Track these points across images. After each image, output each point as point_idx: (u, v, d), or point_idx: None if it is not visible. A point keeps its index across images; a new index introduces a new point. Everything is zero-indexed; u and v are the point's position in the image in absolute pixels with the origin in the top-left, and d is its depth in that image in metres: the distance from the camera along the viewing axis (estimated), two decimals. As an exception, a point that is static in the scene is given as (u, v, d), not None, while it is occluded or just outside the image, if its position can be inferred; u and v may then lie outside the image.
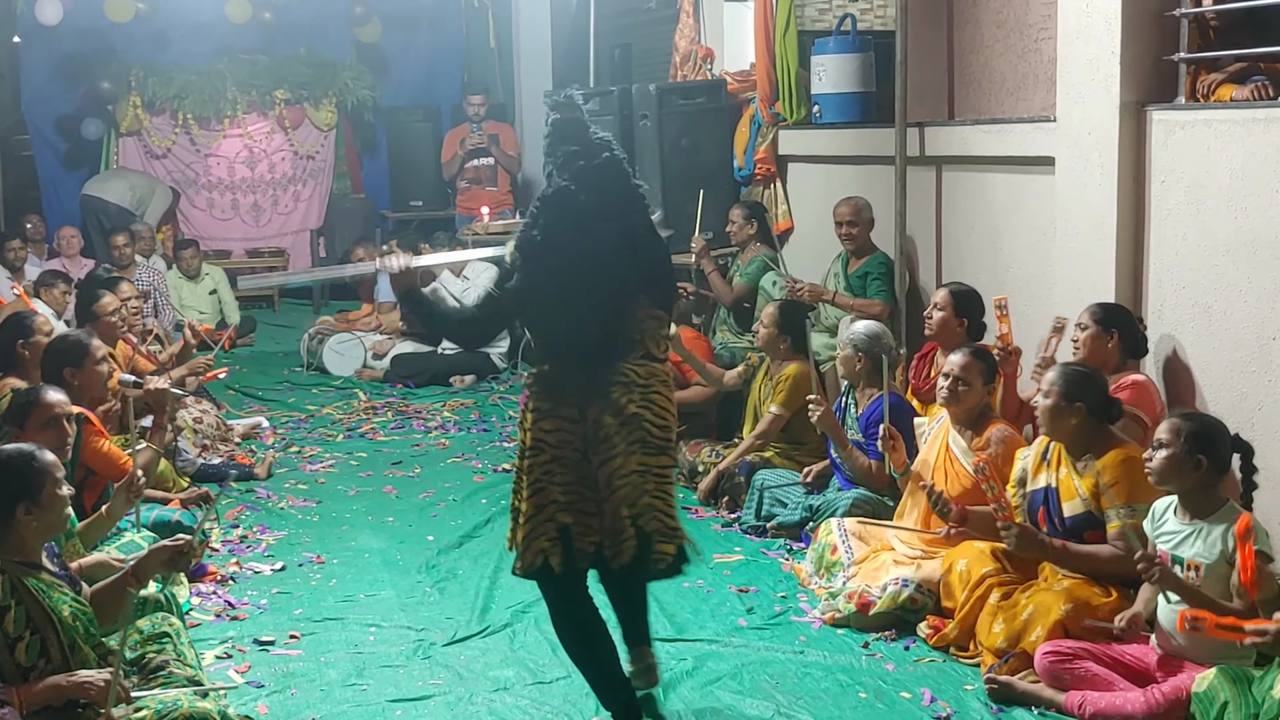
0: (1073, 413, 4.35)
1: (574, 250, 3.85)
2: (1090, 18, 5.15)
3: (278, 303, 12.62)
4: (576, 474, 3.85)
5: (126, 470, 5.07)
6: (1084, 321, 4.95)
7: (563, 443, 3.85)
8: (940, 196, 6.63)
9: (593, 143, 4.00)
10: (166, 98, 12.43)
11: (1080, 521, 4.34)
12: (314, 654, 4.66)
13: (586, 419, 3.84)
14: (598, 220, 3.87)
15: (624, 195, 4.00)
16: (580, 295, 3.84)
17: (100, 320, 6.72)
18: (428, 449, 7.58)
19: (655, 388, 3.91)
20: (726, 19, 9.12)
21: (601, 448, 3.83)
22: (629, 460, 3.83)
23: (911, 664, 4.46)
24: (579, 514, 3.85)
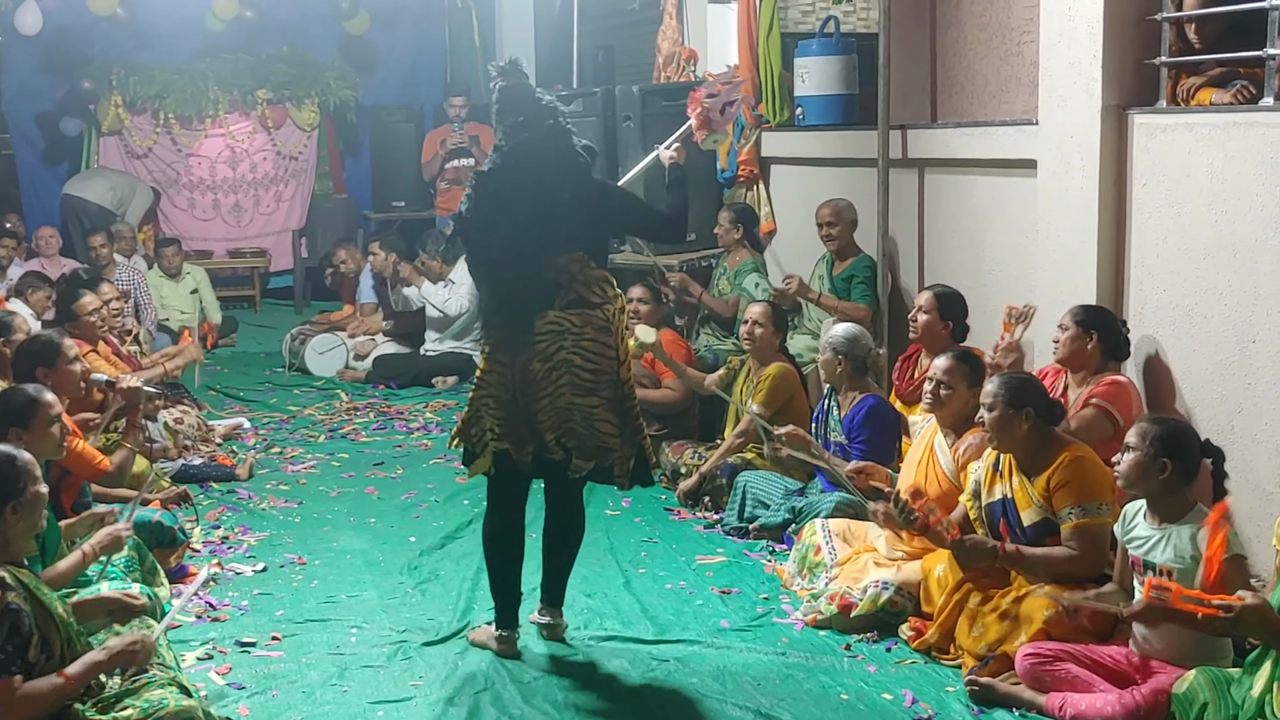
0: (1022, 418, 4.34)
1: (502, 214, 4.32)
2: (1072, 21, 5.17)
3: (259, 303, 12.58)
4: (508, 411, 4.37)
5: (103, 470, 5.05)
6: (1064, 323, 4.97)
7: (497, 383, 4.38)
8: (922, 199, 6.66)
9: (539, 110, 4.40)
10: (148, 97, 12.36)
11: (1040, 529, 4.34)
12: (295, 655, 4.65)
13: (516, 364, 4.33)
14: (530, 184, 4.32)
15: (564, 159, 4.38)
16: (504, 254, 4.33)
17: (80, 320, 6.69)
18: (410, 450, 7.56)
19: (587, 334, 4.34)
20: (710, 21, 9.12)
21: (529, 391, 4.33)
22: (556, 400, 4.34)
23: (893, 666, 4.46)
24: (513, 439, 4.39)
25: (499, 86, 4.46)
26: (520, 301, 4.32)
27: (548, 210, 4.31)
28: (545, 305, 4.32)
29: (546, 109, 4.42)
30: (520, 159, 4.35)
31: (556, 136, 4.40)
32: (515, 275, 4.32)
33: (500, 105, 4.44)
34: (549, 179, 4.34)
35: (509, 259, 4.33)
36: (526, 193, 4.32)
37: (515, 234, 4.31)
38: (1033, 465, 4.38)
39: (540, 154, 4.35)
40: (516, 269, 4.32)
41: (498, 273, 4.38)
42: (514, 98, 4.42)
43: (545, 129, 4.38)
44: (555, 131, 4.40)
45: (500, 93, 4.45)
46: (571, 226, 4.35)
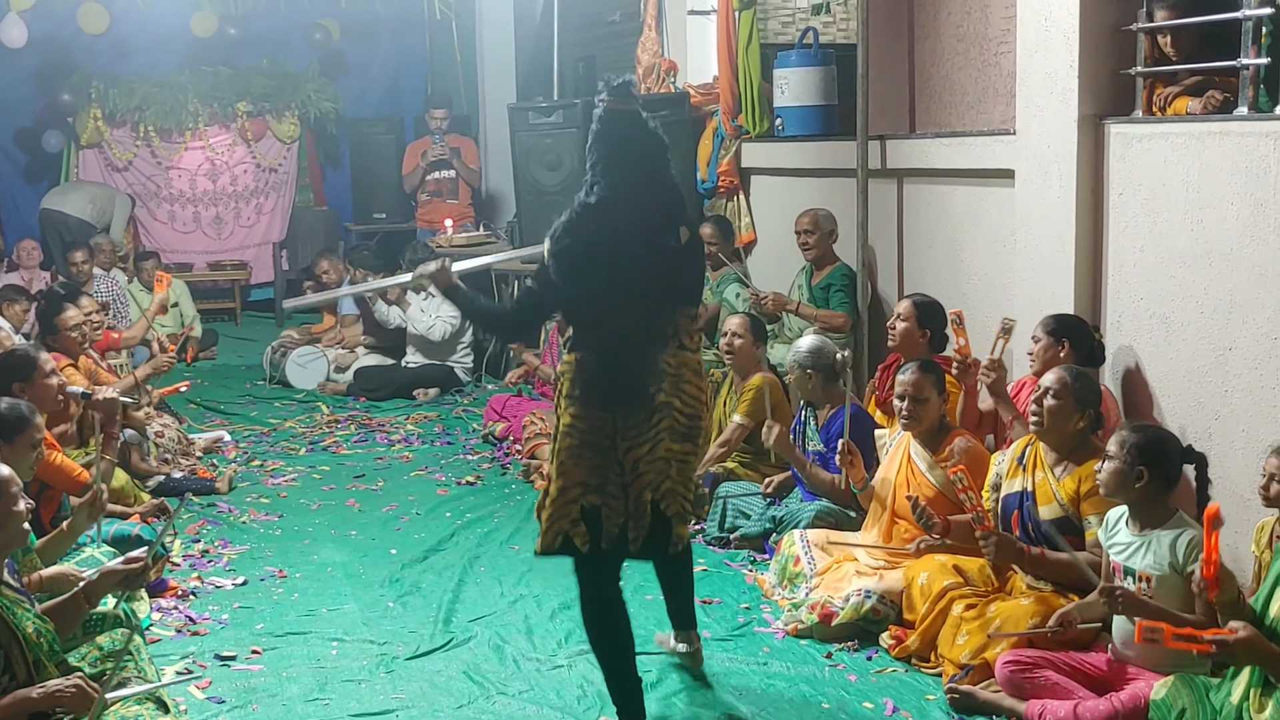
0: (1081, 417, 4.40)
1: (619, 254, 3.92)
2: (1049, 32, 5.20)
3: (239, 316, 12.55)
4: (604, 459, 3.93)
5: (82, 483, 5.02)
6: (1036, 334, 4.99)
7: (593, 429, 3.94)
8: (901, 208, 6.68)
9: (652, 143, 4.04)
10: (127, 110, 12.33)
11: (1058, 526, 4.36)
12: (276, 669, 4.63)
13: (619, 412, 3.94)
14: (645, 226, 3.96)
15: (671, 197, 4.06)
16: (624, 297, 3.93)
17: (61, 334, 6.68)
18: (391, 462, 7.55)
19: (685, 376, 4.03)
20: (689, 32, 9.15)
21: (630, 434, 3.93)
22: (656, 447, 3.95)
23: (874, 674, 4.47)
24: (606, 496, 3.94)
25: (607, 108, 4.03)
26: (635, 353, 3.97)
27: (663, 257, 3.99)
28: (661, 349, 4.01)
29: (656, 143, 4.06)
30: (633, 196, 3.95)
31: (666, 175, 4.06)
32: (632, 326, 3.96)
33: (604, 128, 4.01)
34: (662, 222, 4.01)
35: (628, 309, 3.95)
36: (641, 234, 3.95)
37: (632, 278, 3.93)
38: (1065, 464, 4.42)
39: (651, 194, 3.99)
40: (634, 320, 3.96)
41: (612, 322, 3.96)
42: (626, 126, 4.01)
43: (656, 165, 4.03)
44: (665, 169, 4.06)
45: (605, 114, 4.03)
46: (682, 277, 4.09)
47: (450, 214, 11.04)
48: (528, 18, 12.33)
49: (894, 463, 5.14)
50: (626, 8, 10.18)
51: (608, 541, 3.96)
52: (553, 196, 8.82)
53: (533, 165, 8.91)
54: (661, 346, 4.01)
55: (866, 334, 6.72)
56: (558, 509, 3.95)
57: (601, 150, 4.00)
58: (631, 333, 3.96)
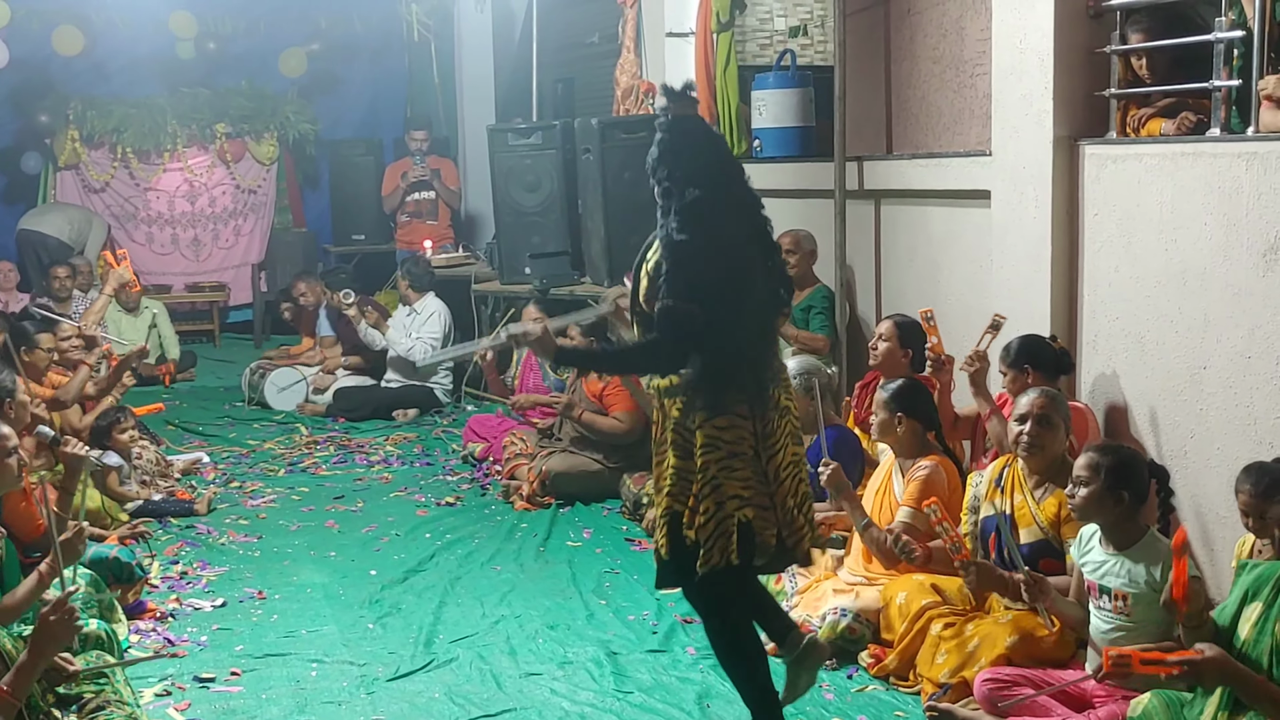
0: (1065, 437, 4.45)
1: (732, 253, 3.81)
2: (1024, 54, 5.25)
3: (218, 338, 12.52)
4: (753, 469, 3.82)
5: (37, 533, 4.89)
6: (1001, 368, 5.00)
7: (738, 439, 3.80)
8: (879, 229, 6.72)
9: (717, 144, 4.00)
10: (105, 131, 12.32)
11: (1037, 550, 4.37)
12: (255, 691, 4.61)
13: (755, 415, 3.82)
14: (743, 222, 3.89)
15: (752, 192, 3.99)
16: (746, 298, 3.83)
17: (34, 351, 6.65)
18: (370, 483, 7.53)
19: (784, 381, 3.98)
20: (668, 54, 9.18)
21: (768, 442, 3.84)
22: (785, 452, 3.89)
23: (852, 693, 4.48)
24: (759, 509, 3.82)
25: (672, 116, 3.89)
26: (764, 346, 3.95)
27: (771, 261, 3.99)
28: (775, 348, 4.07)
29: (724, 143, 4.10)
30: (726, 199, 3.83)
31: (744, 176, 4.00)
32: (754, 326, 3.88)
33: (671, 138, 3.86)
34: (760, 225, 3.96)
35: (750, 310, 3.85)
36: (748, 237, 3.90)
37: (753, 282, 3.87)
38: (1046, 486, 4.44)
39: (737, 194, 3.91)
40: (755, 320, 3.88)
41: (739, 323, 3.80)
42: (690, 130, 3.89)
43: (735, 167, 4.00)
44: (741, 170, 4.01)
45: (671, 124, 3.88)
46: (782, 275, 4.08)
47: (430, 235, 11.05)
48: (506, 39, 12.37)
49: (875, 482, 5.16)
50: (605, 30, 10.22)
51: (763, 554, 3.85)
52: (532, 218, 8.85)
53: (512, 186, 8.93)
54: (774, 346, 4.04)
55: (845, 354, 6.75)
56: (718, 525, 3.77)
57: (685, 156, 3.82)
58: (754, 333, 3.88)
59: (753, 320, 3.87)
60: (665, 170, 3.84)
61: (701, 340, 3.75)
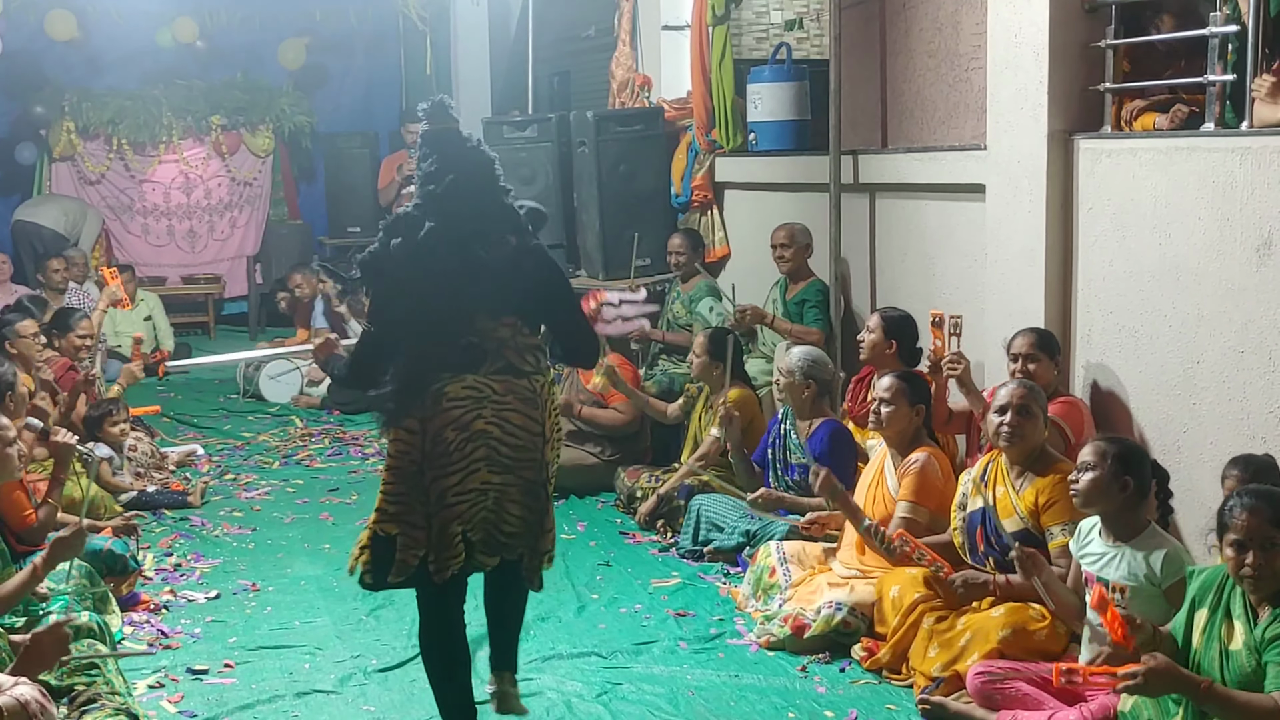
0: (1044, 427, 4.47)
1: (420, 265, 3.77)
2: (1019, 49, 5.25)
3: (213, 330, 12.51)
4: (408, 485, 3.77)
5: (28, 524, 4.87)
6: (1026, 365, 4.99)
7: (400, 453, 3.78)
8: (874, 223, 6.72)
9: (467, 156, 3.92)
10: (100, 123, 12.27)
11: (1020, 538, 4.38)
12: (248, 682, 4.62)
13: (426, 432, 3.74)
14: (454, 237, 3.79)
15: (494, 214, 3.88)
16: (421, 310, 3.77)
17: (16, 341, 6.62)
18: (365, 476, 7.52)
19: (510, 404, 3.78)
20: (664, 47, 9.18)
21: (438, 463, 3.74)
22: (470, 478, 3.75)
23: (845, 686, 4.49)
24: (405, 525, 3.76)
25: (422, 130, 3.99)
26: (434, 362, 3.77)
27: (474, 268, 3.79)
28: (467, 369, 3.77)
29: (475, 156, 3.95)
30: (444, 209, 3.82)
31: (486, 188, 3.91)
32: (432, 333, 3.78)
33: (423, 149, 3.96)
34: (475, 233, 3.82)
35: (426, 316, 3.78)
36: (450, 246, 3.79)
37: (435, 289, 3.78)
38: (1026, 475, 4.45)
39: (465, 206, 3.84)
40: (434, 328, 3.78)
41: (412, 329, 3.79)
42: (438, 142, 3.94)
43: (472, 178, 3.88)
44: (484, 182, 3.91)
45: (423, 136, 3.98)
46: (502, 288, 3.82)
47: (424, 228, 11.01)
48: (502, 33, 12.35)
49: (868, 475, 5.17)
50: (600, 23, 10.22)
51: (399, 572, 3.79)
52: (527, 210, 8.82)
53: (507, 179, 8.86)
54: (477, 359, 3.78)
55: (840, 348, 6.75)
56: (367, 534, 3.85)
57: (418, 169, 3.94)
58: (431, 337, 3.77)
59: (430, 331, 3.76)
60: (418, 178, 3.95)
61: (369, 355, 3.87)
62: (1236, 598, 3.44)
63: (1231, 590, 3.46)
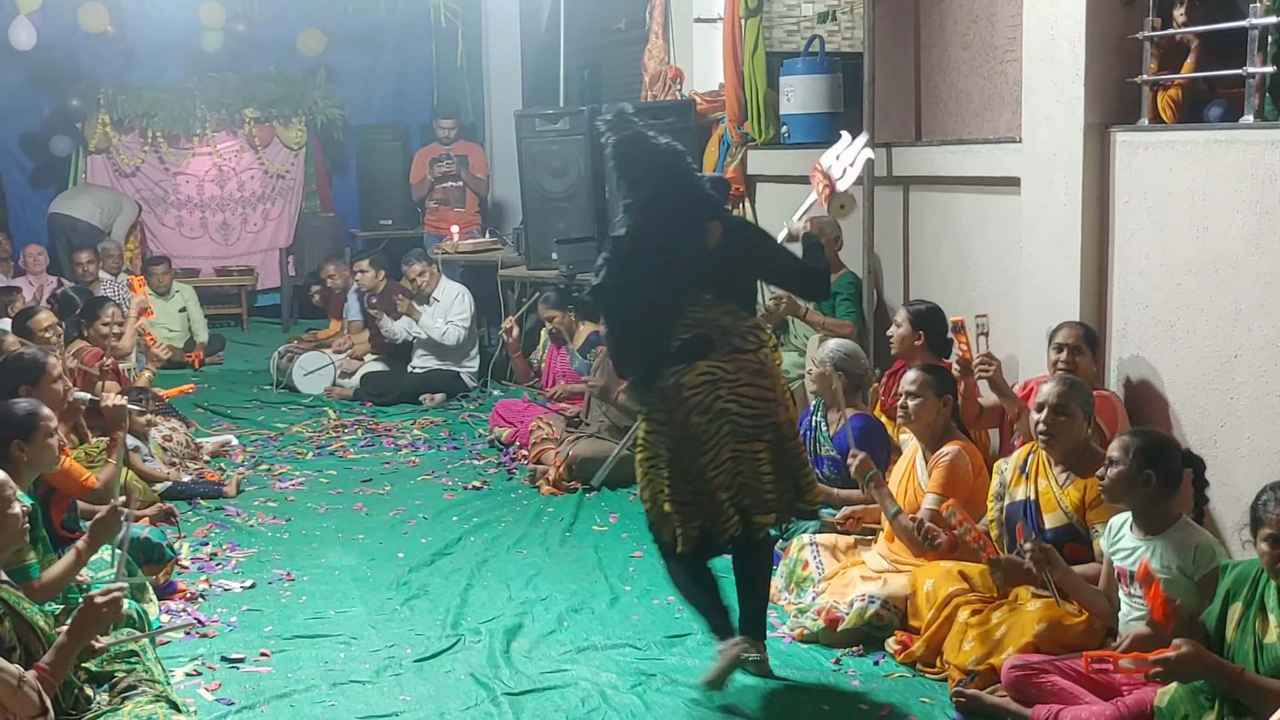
0: (1087, 426, 4.46)
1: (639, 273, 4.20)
2: (1055, 40, 5.23)
3: (246, 321, 12.58)
4: (669, 469, 4.24)
5: (89, 487, 5.01)
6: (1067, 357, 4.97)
7: (655, 441, 4.26)
8: (907, 216, 6.70)
9: (660, 158, 4.27)
10: (135, 116, 12.37)
11: (1062, 535, 4.38)
12: (284, 671, 4.65)
13: (673, 422, 4.20)
14: (664, 240, 4.19)
15: (696, 207, 4.26)
16: (645, 312, 4.23)
17: (35, 334, 6.69)
18: (398, 467, 7.57)
19: (743, 380, 4.22)
20: (696, 40, 9.18)
21: (690, 448, 4.20)
22: (720, 452, 4.20)
23: (878, 679, 4.49)
24: (677, 503, 4.23)
25: (612, 142, 4.29)
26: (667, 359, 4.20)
27: (690, 267, 4.19)
28: (698, 358, 4.19)
29: (668, 155, 4.27)
30: (651, 215, 4.21)
31: (684, 184, 4.27)
32: (658, 332, 4.21)
33: (618, 160, 4.29)
34: (684, 232, 4.21)
35: (654, 319, 4.22)
36: (661, 249, 4.19)
37: (658, 294, 4.20)
38: (1070, 473, 4.44)
39: (672, 209, 4.22)
40: (662, 329, 4.21)
41: (641, 332, 4.27)
42: (632, 151, 4.27)
43: (670, 179, 4.25)
44: (682, 179, 4.27)
45: (615, 148, 4.29)
46: (718, 279, 4.23)
47: (457, 221, 11.06)
48: (533, 26, 12.37)
49: (900, 469, 5.16)
50: (631, 16, 10.22)
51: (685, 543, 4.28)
52: (559, 203, 8.86)
53: (539, 172, 8.94)
54: (705, 348, 4.20)
55: (873, 341, 6.74)
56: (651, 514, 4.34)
57: (620, 181, 4.32)
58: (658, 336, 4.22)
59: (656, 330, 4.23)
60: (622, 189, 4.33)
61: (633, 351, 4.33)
62: (1271, 591, 3.43)
63: (1266, 584, 3.45)
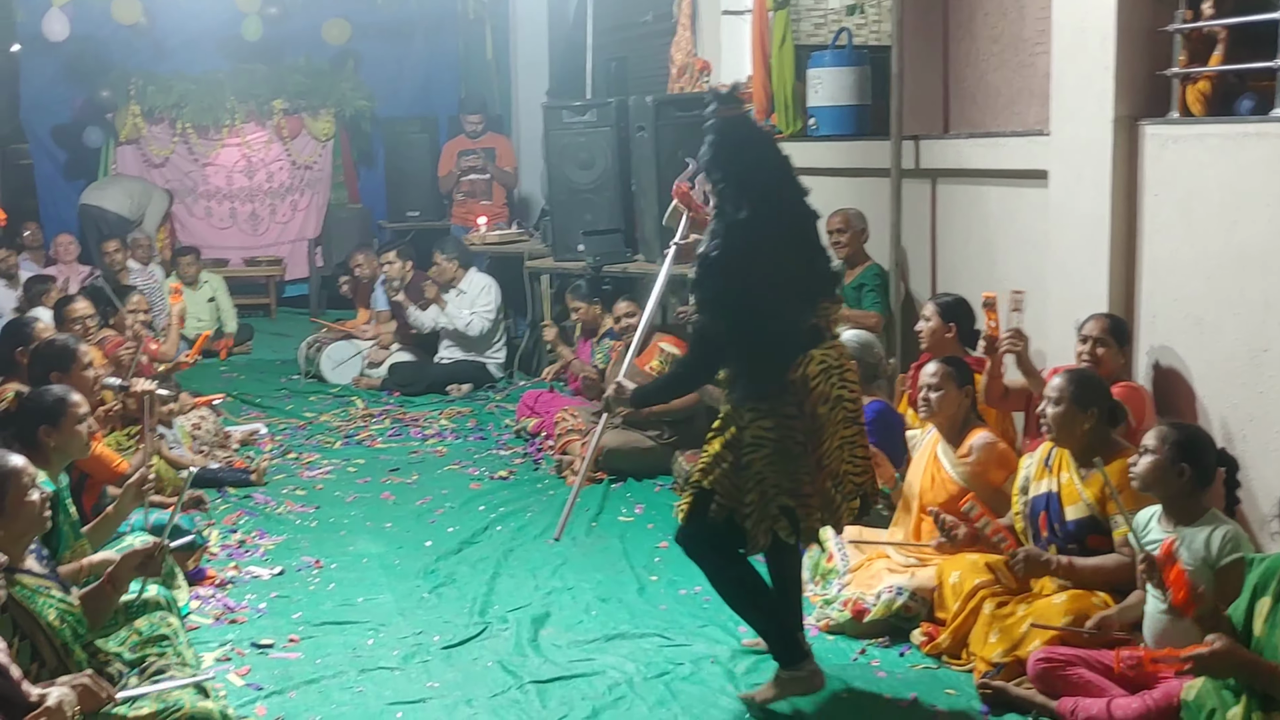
0: (1086, 418, 4.41)
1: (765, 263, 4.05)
2: (1085, 33, 5.22)
3: (274, 311, 12.65)
4: (794, 464, 4.05)
5: (120, 473, 5.08)
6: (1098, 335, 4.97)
7: (783, 436, 4.04)
8: (935, 209, 6.70)
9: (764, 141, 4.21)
10: (165, 107, 12.44)
11: (1084, 526, 4.38)
12: (313, 657, 4.70)
13: (803, 413, 4.04)
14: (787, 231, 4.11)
15: (802, 195, 4.20)
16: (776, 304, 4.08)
17: (67, 323, 6.75)
18: (425, 456, 7.61)
19: (845, 366, 4.16)
20: (723, 32, 9.18)
21: (817, 435, 4.06)
22: (833, 439, 4.09)
23: (904, 670, 4.50)
24: (799, 498, 4.07)
25: (721, 117, 4.13)
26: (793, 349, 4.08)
27: (808, 252, 4.18)
28: (812, 347, 4.10)
29: (769, 139, 4.22)
30: (770, 200, 4.07)
31: (787, 169, 4.20)
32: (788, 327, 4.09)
33: (722, 138, 4.12)
34: (802, 223, 4.17)
35: (781, 309, 4.09)
36: (787, 241, 4.11)
37: (786, 283, 4.09)
38: (1088, 466, 4.43)
39: (782, 193, 4.14)
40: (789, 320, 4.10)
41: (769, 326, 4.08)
42: (742, 132, 4.16)
43: (778, 164, 4.18)
44: (785, 164, 4.20)
45: (724, 126, 4.13)
46: (826, 270, 4.28)
47: (485, 213, 11.08)
48: (561, 18, 12.38)
49: (921, 461, 5.16)
50: (659, 8, 10.22)
51: (807, 536, 4.15)
52: (585, 195, 8.87)
53: (566, 164, 8.95)
54: (817, 338, 4.13)
55: (899, 334, 6.74)
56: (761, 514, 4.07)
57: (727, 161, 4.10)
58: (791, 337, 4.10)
59: (791, 329, 4.09)
60: (720, 172, 4.11)
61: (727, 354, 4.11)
62: None
63: None
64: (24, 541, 3.71)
